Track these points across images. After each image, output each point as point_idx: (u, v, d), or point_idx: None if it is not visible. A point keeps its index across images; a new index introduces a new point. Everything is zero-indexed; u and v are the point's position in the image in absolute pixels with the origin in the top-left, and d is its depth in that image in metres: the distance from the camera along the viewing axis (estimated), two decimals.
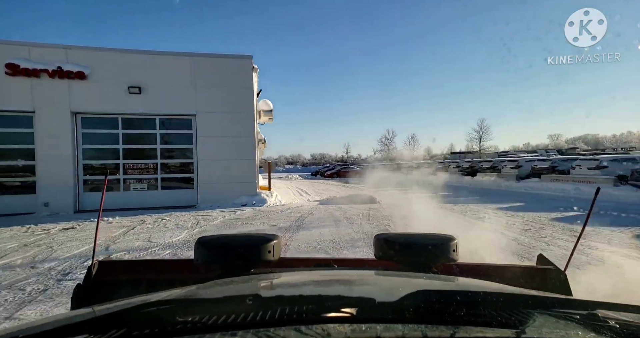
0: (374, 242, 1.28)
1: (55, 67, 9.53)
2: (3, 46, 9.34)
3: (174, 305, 0.72)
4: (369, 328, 0.56)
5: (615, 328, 0.59)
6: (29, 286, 3.78)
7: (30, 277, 4.11)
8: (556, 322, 0.62)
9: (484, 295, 0.74)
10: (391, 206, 10.13)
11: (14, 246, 5.71)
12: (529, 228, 6.76)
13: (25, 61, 9.31)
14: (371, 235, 6.02)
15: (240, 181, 11.16)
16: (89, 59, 9.89)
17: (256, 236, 1.22)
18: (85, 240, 6.19)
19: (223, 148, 11.01)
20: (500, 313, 0.64)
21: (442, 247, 1.17)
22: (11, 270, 4.43)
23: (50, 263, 4.69)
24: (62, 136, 9.80)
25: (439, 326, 0.59)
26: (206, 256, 1.14)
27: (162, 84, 10.48)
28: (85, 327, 0.59)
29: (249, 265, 1.16)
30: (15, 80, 9.28)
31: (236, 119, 11.14)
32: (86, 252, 5.27)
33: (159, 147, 10.81)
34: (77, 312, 0.82)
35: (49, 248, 5.59)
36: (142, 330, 0.57)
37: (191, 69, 10.76)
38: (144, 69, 10.35)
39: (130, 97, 10.20)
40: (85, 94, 9.85)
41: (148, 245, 5.72)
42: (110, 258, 1.45)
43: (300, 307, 0.66)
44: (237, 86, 11.09)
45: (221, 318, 0.60)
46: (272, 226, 7.35)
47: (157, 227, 7.36)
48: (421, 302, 0.67)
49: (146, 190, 10.69)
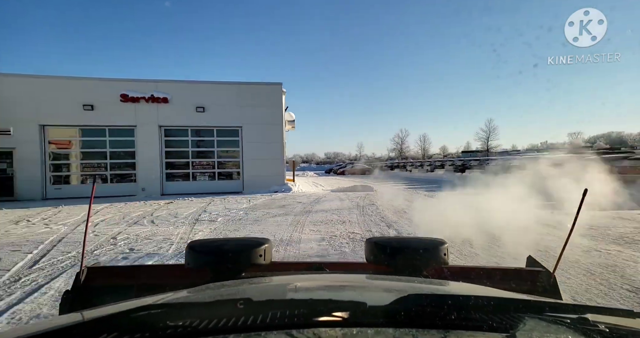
0: (365, 246, 1.29)
1: (149, 95, 13.91)
2: (118, 82, 13.81)
3: (165, 309, 0.72)
4: (360, 332, 0.57)
5: (605, 332, 0.59)
6: (185, 221, 7.97)
7: (180, 220, 8.27)
8: (547, 326, 0.62)
9: (474, 299, 0.73)
10: (383, 194, 14.09)
11: (147, 211, 9.96)
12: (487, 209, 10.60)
13: (131, 92, 13.72)
14: (363, 207, 9.98)
15: (272, 174, 15.32)
16: (170, 89, 14.24)
17: (247, 240, 1.27)
18: (186, 208, 10.37)
19: (260, 150, 15.19)
20: (491, 317, 0.64)
21: (433, 251, 1.18)
22: (164, 218, 8.62)
23: (182, 215, 8.87)
24: (152, 143, 14.20)
25: (430, 330, 0.59)
26: (197, 261, 1.16)
27: (218, 104, 14.74)
28: (74, 332, 0.59)
29: (240, 269, 1.17)
30: (125, 104, 13.72)
31: (269, 129, 15.30)
32: (194, 213, 9.41)
33: (215, 150, 15.13)
34: (67, 316, 0.85)
35: (172, 210, 9.80)
36: (133, 334, 0.56)
37: (238, 94, 14.99)
38: (206, 94, 14.64)
39: (197, 115, 14.50)
40: (167, 112, 14.20)
41: (226, 211, 9.79)
42: (99, 264, 1.46)
43: (292, 311, 0.65)
44: (270, 105, 15.27)
45: (212, 323, 0.59)
46: (298, 203, 11.39)
47: (225, 202, 11.54)
48: (412, 306, 0.67)
49: (207, 180, 15.04)
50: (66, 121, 13.58)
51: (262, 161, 15.22)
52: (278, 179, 15.45)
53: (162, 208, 10.17)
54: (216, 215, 8.86)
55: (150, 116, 14.08)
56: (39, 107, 13.14)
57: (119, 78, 13.99)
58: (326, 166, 70.78)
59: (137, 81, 14.14)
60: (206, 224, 7.56)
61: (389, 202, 11.02)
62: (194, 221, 7.89)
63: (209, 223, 7.63)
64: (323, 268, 1.32)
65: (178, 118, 14.43)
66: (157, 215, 8.97)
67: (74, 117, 13.54)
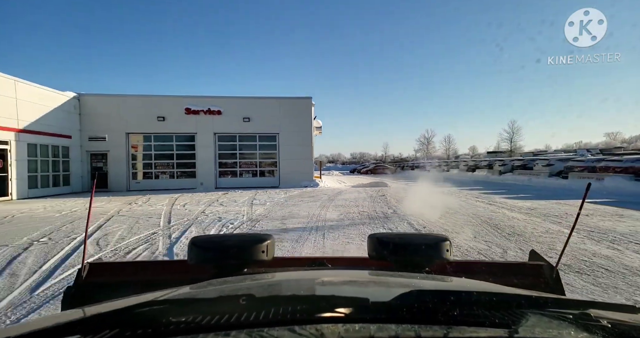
0: (368, 242, 1.29)
1: (206, 109, 17.47)
2: (183, 98, 17.50)
3: (167, 305, 0.73)
4: (363, 328, 0.57)
5: (608, 327, 0.59)
6: (243, 204, 11.23)
7: (239, 204, 11.52)
8: (549, 322, 0.62)
9: (477, 295, 0.74)
10: (395, 189, 16.90)
11: (212, 198, 13.33)
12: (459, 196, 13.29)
13: (193, 105, 17.32)
14: (374, 197, 12.89)
15: (303, 172, 18.48)
16: (223, 103, 17.74)
17: (249, 235, 1.26)
18: (240, 197, 13.65)
19: (293, 152, 18.40)
20: (493, 313, 0.64)
21: (436, 247, 1.18)
22: (227, 202, 11.92)
23: (239, 201, 12.14)
24: (208, 146, 17.75)
25: (432, 326, 0.59)
26: (199, 257, 1.16)
27: (261, 115, 18.10)
28: (77, 328, 0.59)
29: (243, 265, 1.18)
30: (188, 116, 17.37)
31: (301, 135, 18.48)
32: (247, 200, 12.66)
33: (257, 152, 18.53)
34: (69, 312, 0.85)
35: (230, 198, 13.11)
36: (135, 330, 0.57)
37: (276, 107, 18.30)
38: (250, 107, 18.04)
39: (243, 124, 17.92)
40: (220, 122, 17.71)
41: (270, 199, 12.97)
42: (101, 260, 1.47)
43: (294, 307, 0.66)
44: (302, 115, 18.46)
45: (214, 319, 0.60)
46: (324, 194, 14.44)
47: (267, 193, 14.78)
48: (415, 301, 0.68)
49: (250, 177, 18.46)
50: (144, 129, 17.44)
51: (294, 161, 18.45)
52: (308, 176, 18.61)
53: (222, 197, 13.54)
54: (264, 201, 12.08)
55: (207, 125, 17.65)
56: (125, 119, 17.03)
57: (184, 95, 17.68)
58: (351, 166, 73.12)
59: (197, 97, 17.77)
60: (259, 206, 10.74)
61: (399, 195, 13.88)
62: (250, 204, 11.12)
63: (261, 206, 10.80)
64: (325, 264, 1.34)
65: (228, 127, 17.93)
66: (221, 201, 12.30)
67: (150, 126, 17.35)
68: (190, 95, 17.76)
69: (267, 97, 18.57)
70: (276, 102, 18.42)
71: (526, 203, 10.39)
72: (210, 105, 17.55)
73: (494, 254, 4.95)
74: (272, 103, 18.40)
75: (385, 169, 40.86)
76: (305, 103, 18.61)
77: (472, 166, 29.93)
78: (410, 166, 44.74)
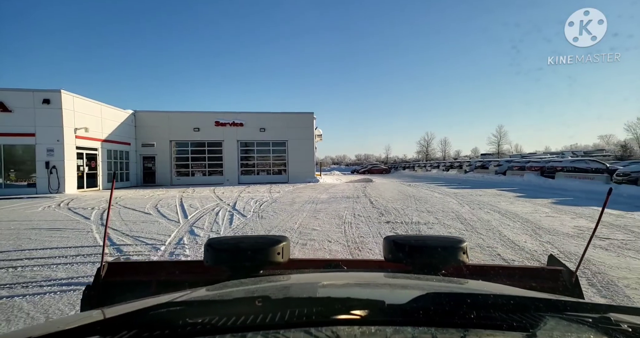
0: (383, 244, 1.29)
1: (231, 122, 22.47)
2: (214, 114, 22.56)
3: (184, 306, 0.73)
4: (379, 331, 0.57)
5: (628, 331, 0.58)
6: (265, 193, 16.19)
7: (261, 192, 16.43)
8: (568, 326, 0.61)
9: (494, 298, 0.73)
10: (376, 183, 21.72)
11: (240, 189, 18.25)
12: (417, 187, 18.09)
13: (221, 119, 22.35)
14: (357, 188, 17.75)
15: (306, 171, 23.38)
16: (244, 117, 22.73)
17: (265, 237, 1.26)
18: (260, 189, 18.52)
19: (299, 155, 23.32)
20: (510, 316, 0.63)
21: (452, 249, 1.17)
22: (253, 192, 16.83)
23: (260, 191, 17.05)
24: (233, 151, 22.77)
25: (448, 329, 0.59)
26: (216, 258, 1.17)
27: (273, 126, 23.07)
28: (95, 329, 0.60)
29: (259, 267, 1.18)
30: (217, 127, 22.41)
31: (304, 142, 23.40)
32: (265, 190, 17.55)
33: (271, 155, 23.54)
34: (87, 313, 0.86)
35: (253, 189, 18.01)
36: (152, 331, 0.58)
37: (285, 120, 23.27)
38: (266, 120, 23.05)
39: (260, 133, 22.91)
40: (242, 132, 22.71)
41: (282, 189, 17.83)
42: (119, 259, 1.50)
43: (310, 309, 0.66)
44: (305, 126, 23.41)
45: (230, 320, 0.61)
46: (322, 186, 19.27)
47: (279, 186, 19.65)
48: (431, 304, 0.67)
49: (265, 175, 23.46)
50: (183, 137, 22.51)
51: (300, 162, 23.38)
52: (310, 175, 23.54)
53: (247, 189, 18.48)
54: (278, 190, 16.97)
55: (232, 134, 22.67)
56: (169, 130, 22.10)
57: (214, 111, 22.81)
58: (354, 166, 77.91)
59: (224, 112, 22.86)
60: (275, 193, 15.63)
61: (374, 186, 18.74)
62: (269, 192, 16.01)
63: (276, 193, 15.66)
64: (341, 266, 1.34)
65: (248, 135, 22.95)
66: (247, 190, 17.23)
67: (188, 135, 22.42)
68: (218, 111, 22.85)
69: (278, 112, 23.64)
70: (285, 116, 23.43)
71: (456, 190, 15.18)
72: (235, 119, 22.56)
73: (406, 208, 9.75)
74: (282, 117, 23.41)
75: (380, 169, 45.86)
76: (308, 117, 23.59)
77: (448, 167, 34.76)
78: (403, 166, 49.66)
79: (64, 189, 15.36)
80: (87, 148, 17.30)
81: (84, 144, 16.95)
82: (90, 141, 17.35)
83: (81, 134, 16.54)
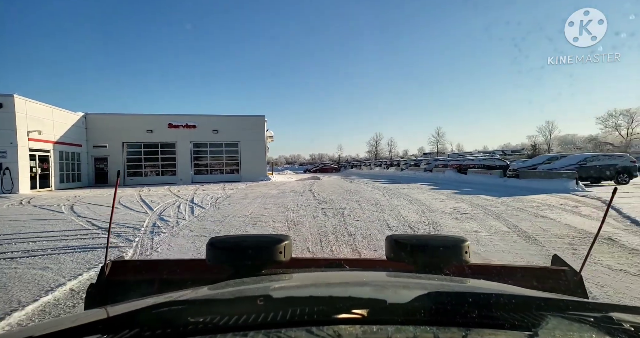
0: (385, 243, 1.29)
1: (184, 124, 23.48)
2: (167, 116, 23.35)
3: (186, 305, 0.74)
4: (380, 330, 0.57)
5: (630, 331, 0.58)
6: (218, 190, 17.70)
7: (215, 190, 17.91)
8: (570, 325, 0.62)
9: (496, 297, 0.73)
10: (323, 180, 23.97)
11: (195, 188, 19.53)
12: (357, 183, 20.61)
13: (174, 121, 23.27)
14: (305, 185, 19.84)
15: (258, 170, 25.02)
16: (197, 120, 23.84)
17: (267, 236, 1.27)
18: (213, 187, 19.90)
19: (251, 155, 24.90)
20: (512, 315, 0.63)
21: (454, 249, 1.18)
22: (207, 190, 18.24)
23: (214, 189, 18.50)
24: (186, 152, 23.78)
25: (450, 328, 0.59)
26: (218, 257, 1.18)
27: (226, 128, 24.41)
28: (98, 327, 0.60)
29: (260, 266, 1.19)
30: (170, 129, 23.28)
31: (256, 143, 25.04)
32: (219, 188, 19.01)
33: (224, 155, 24.87)
34: (90, 312, 0.86)
35: (207, 188, 19.37)
36: (154, 330, 0.58)
37: (237, 122, 24.71)
38: (219, 122, 24.33)
39: (213, 134, 24.15)
40: (196, 134, 23.80)
41: (236, 187, 19.40)
42: (122, 258, 1.54)
43: (311, 308, 0.66)
44: (257, 129, 25.05)
45: (232, 319, 0.61)
46: (273, 183, 21.08)
47: (233, 185, 21.14)
48: (433, 303, 0.68)
49: (219, 174, 24.76)
50: (136, 139, 23.10)
51: (252, 162, 24.97)
52: (262, 173, 25.23)
53: (202, 187, 19.79)
54: (232, 188, 18.52)
55: (185, 136, 23.67)
56: (121, 132, 22.59)
57: (167, 114, 23.70)
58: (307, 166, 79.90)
59: (178, 115, 23.81)
60: (229, 190, 17.18)
61: (320, 183, 20.95)
62: (223, 190, 17.53)
63: (230, 190, 17.22)
64: (343, 265, 1.35)
65: (202, 137, 24.09)
66: (202, 188, 18.59)
67: (141, 137, 23.06)
68: (172, 113, 23.77)
69: (231, 115, 24.99)
70: (238, 119, 24.89)
71: (386, 185, 17.84)
72: (188, 121, 23.60)
73: (341, 199, 11.94)
74: (235, 120, 24.85)
75: (331, 168, 48.69)
76: (260, 119, 25.27)
77: (388, 165, 38.37)
78: (351, 165, 52.98)
79: (18, 190, 15.72)
80: (40, 150, 17.67)
81: (36, 146, 17.30)
82: (42, 143, 17.69)
83: (34, 136, 16.89)
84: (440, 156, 63.67)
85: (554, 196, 11.35)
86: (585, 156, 16.63)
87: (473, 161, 22.75)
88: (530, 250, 5.19)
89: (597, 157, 16.41)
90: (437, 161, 27.17)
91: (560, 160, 17.50)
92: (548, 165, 17.32)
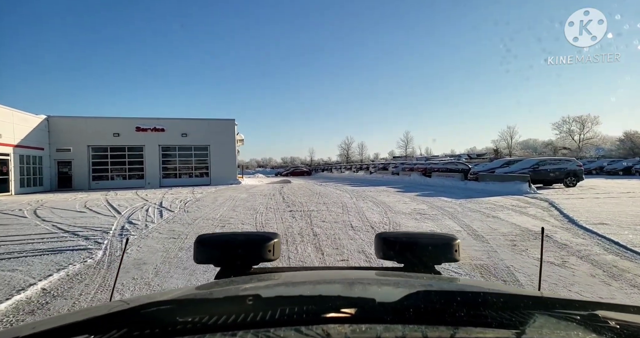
0: (375, 241, 1.28)
1: (153, 127, 23.15)
2: (134, 119, 22.92)
3: (174, 305, 0.73)
4: (369, 329, 0.57)
5: (616, 328, 0.59)
6: (187, 194, 17.67)
7: (184, 194, 17.85)
8: (557, 323, 0.63)
9: (484, 296, 0.74)
10: (293, 184, 24.32)
11: (163, 191, 19.34)
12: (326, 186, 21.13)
13: (142, 125, 22.87)
14: (275, 188, 20.13)
15: (228, 174, 25.00)
16: (166, 123, 23.55)
17: (256, 234, 1.25)
18: (182, 191, 19.75)
19: (221, 159, 24.86)
20: (500, 313, 0.64)
21: (444, 247, 1.18)
22: (176, 194, 18.15)
23: (183, 193, 18.43)
24: (154, 155, 23.42)
25: (439, 326, 0.59)
26: (206, 256, 1.17)
27: (195, 132, 24.26)
28: (85, 327, 0.59)
29: (249, 264, 1.17)
30: (138, 133, 22.87)
31: (226, 147, 25.04)
32: (188, 191, 18.93)
33: (193, 159, 24.68)
34: (77, 311, 0.85)
35: (176, 192, 19.22)
36: (143, 330, 0.58)
37: (207, 126, 24.64)
38: (188, 126, 24.14)
39: (182, 138, 23.93)
40: (164, 137, 23.50)
41: (205, 191, 19.33)
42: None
43: (300, 307, 0.66)
44: (227, 132, 25.06)
45: (221, 319, 0.61)
46: (243, 187, 21.19)
47: (202, 188, 21.03)
48: (422, 302, 0.68)
49: (188, 178, 24.55)
50: (103, 143, 22.51)
51: (222, 165, 24.94)
52: (232, 177, 25.24)
53: (170, 191, 19.57)
54: (201, 192, 18.48)
55: (153, 140, 23.32)
56: (86, 135, 21.95)
57: (135, 117, 23.23)
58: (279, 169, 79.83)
59: (146, 118, 23.42)
60: (198, 194, 17.16)
61: (291, 186, 21.29)
62: (192, 194, 17.49)
63: (199, 194, 17.21)
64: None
65: (170, 140, 23.82)
66: (171, 192, 18.42)
67: (107, 140, 22.49)
68: (140, 117, 23.32)
69: (200, 119, 24.93)
70: (207, 122, 24.83)
71: (354, 188, 18.48)
72: (156, 124, 23.29)
73: (309, 201, 12.34)
74: (204, 123, 24.77)
75: (302, 171, 49.10)
76: (230, 123, 25.32)
77: (358, 168, 39.40)
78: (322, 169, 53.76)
79: None
80: None
81: None
82: (1, 147, 17.00)
83: None
84: (409, 159, 65.72)
85: (507, 198, 12.31)
86: (537, 161, 18.00)
87: (437, 164, 23.88)
88: (476, 246, 5.81)
89: (548, 161, 17.81)
90: (404, 165, 28.27)
91: (516, 164, 18.79)
92: (504, 169, 18.58)
